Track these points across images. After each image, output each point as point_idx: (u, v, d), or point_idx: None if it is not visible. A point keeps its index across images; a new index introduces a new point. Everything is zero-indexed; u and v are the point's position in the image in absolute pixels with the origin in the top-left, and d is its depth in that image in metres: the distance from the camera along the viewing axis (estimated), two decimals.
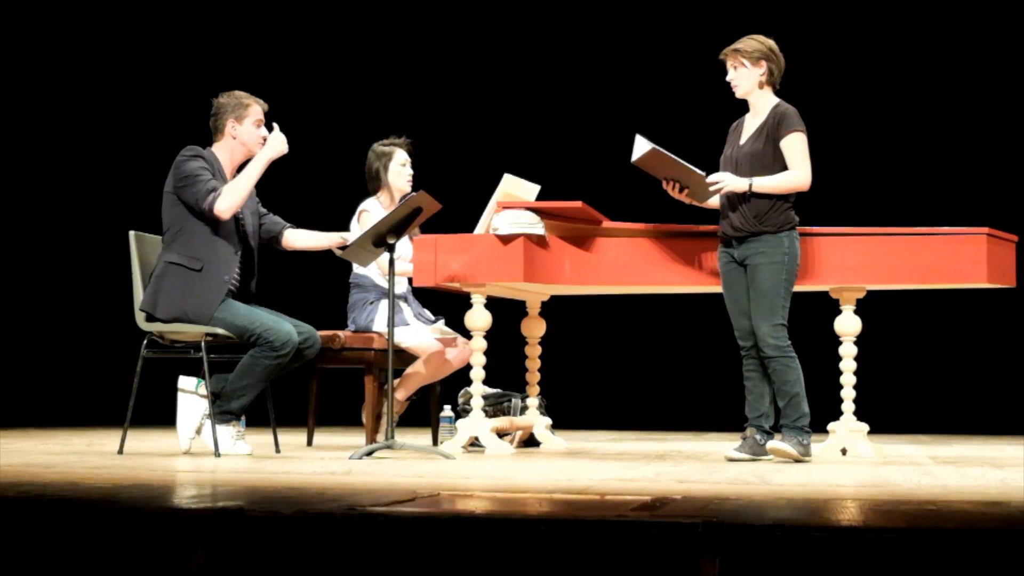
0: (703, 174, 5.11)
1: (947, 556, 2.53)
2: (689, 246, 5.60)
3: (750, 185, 5.04)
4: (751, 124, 5.19)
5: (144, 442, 6.10)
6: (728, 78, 5.17)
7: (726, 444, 5.27)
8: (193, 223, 5.23)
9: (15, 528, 2.87)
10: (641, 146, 5.09)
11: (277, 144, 5.28)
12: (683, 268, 5.61)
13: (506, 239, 5.47)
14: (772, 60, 5.13)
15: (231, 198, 5.20)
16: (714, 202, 5.25)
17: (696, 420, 8.36)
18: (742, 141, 5.18)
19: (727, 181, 5.07)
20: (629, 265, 5.66)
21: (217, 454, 5.12)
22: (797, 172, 5.06)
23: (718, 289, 5.70)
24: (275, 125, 5.32)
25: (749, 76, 5.13)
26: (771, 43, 5.15)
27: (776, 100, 5.16)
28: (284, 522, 2.78)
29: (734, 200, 5.11)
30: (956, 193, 8.35)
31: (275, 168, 5.35)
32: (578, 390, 8.51)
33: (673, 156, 5.09)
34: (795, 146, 5.06)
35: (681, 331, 8.83)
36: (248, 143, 5.35)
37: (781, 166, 5.08)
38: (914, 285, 5.65)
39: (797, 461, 4.99)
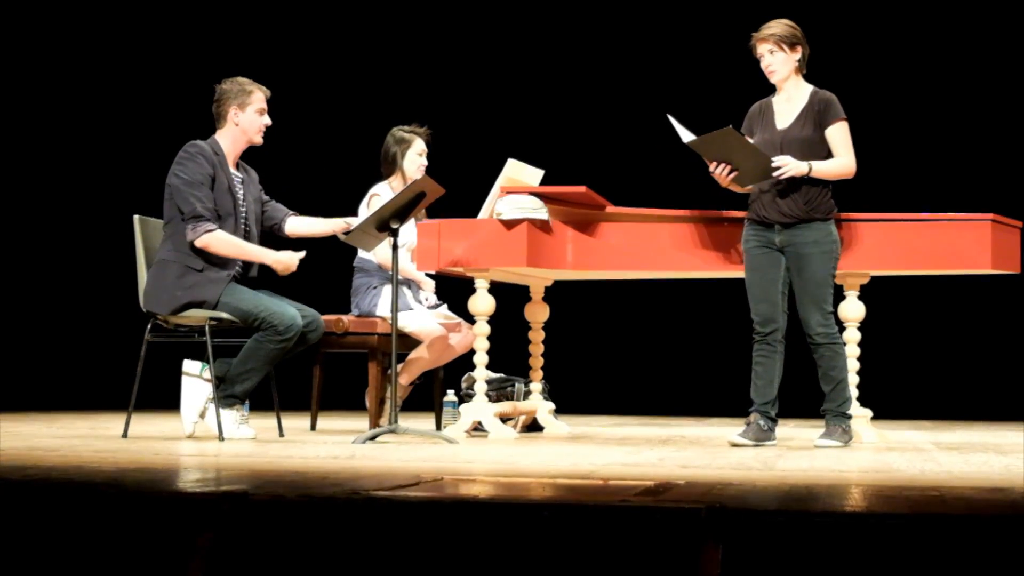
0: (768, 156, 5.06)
1: (950, 542, 2.53)
2: (692, 231, 5.59)
3: (810, 168, 5.04)
4: (785, 109, 5.17)
5: (148, 426, 6.11)
6: (764, 64, 5.14)
7: (729, 429, 5.27)
8: None
9: (20, 512, 2.87)
10: (684, 133, 5.02)
11: (284, 261, 5.26)
12: (687, 253, 5.60)
13: (510, 224, 5.47)
14: (805, 45, 5.15)
15: (215, 246, 5.17)
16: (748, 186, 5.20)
17: (699, 405, 8.37)
18: (780, 126, 5.14)
19: (791, 165, 5.05)
20: (632, 250, 5.66)
21: (221, 438, 5.12)
22: (847, 159, 5.09)
23: (722, 274, 5.70)
24: (302, 254, 5.29)
25: (787, 62, 5.13)
26: (799, 28, 5.16)
27: (810, 86, 5.17)
28: (288, 506, 2.79)
29: (783, 185, 5.08)
30: (961, 179, 8.34)
31: (282, 154, 5.35)
32: (581, 375, 8.52)
33: (747, 138, 5.05)
34: (843, 134, 5.10)
35: (684, 316, 8.83)
36: (249, 131, 5.35)
37: (827, 153, 5.09)
38: (918, 271, 5.64)
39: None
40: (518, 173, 5.69)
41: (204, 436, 5.28)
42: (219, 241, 5.20)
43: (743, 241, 5.23)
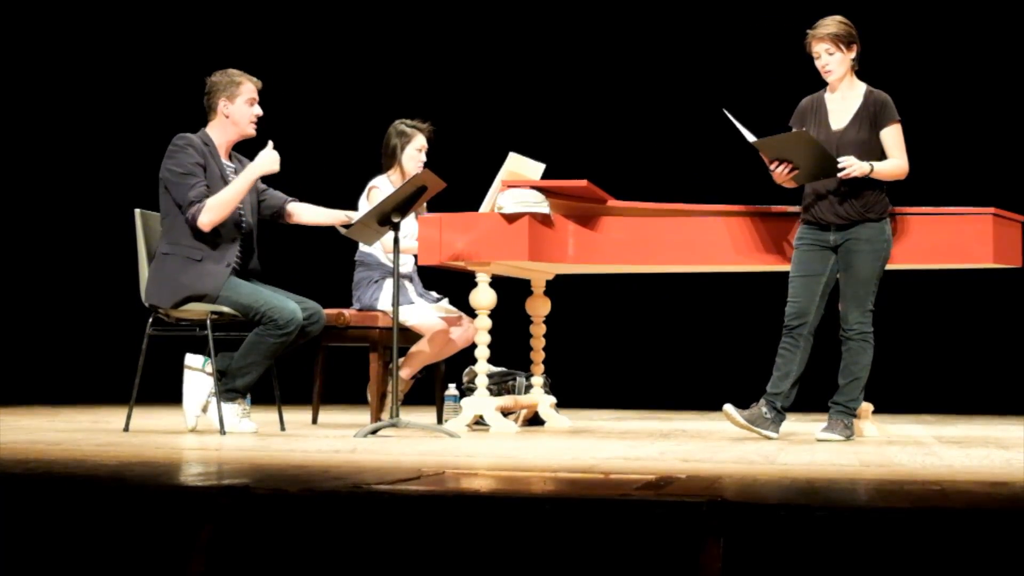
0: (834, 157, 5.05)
1: (951, 536, 2.53)
2: (693, 225, 5.59)
3: (871, 168, 5.03)
4: (840, 108, 5.16)
5: (150, 420, 6.11)
6: (821, 63, 5.13)
7: (730, 424, 5.27)
8: None
9: (21, 505, 2.88)
10: (746, 132, 5.02)
11: (268, 163, 5.25)
12: (687, 247, 5.60)
13: (511, 218, 5.47)
14: (859, 43, 5.14)
15: (214, 213, 5.17)
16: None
17: (701, 399, 8.36)
18: (835, 126, 5.14)
19: (856, 165, 5.03)
20: (634, 244, 5.66)
21: (222, 432, 5.13)
22: (901, 161, 5.10)
23: (723, 268, 5.71)
24: (270, 142, 5.29)
25: (844, 61, 5.13)
26: (854, 25, 5.15)
27: (864, 84, 5.17)
28: (289, 500, 2.79)
29: (839, 187, 5.08)
30: (962, 173, 8.32)
31: (283, 146, 5.34)
32: (582, 369, 8.52)
33: (815, 140, 5.05)
34: (896, 136, 5.11)
35: (686, 310, 8.83)
36: (240, 122, 5.34)
37: (881, 153, 5.10)
38: (920, 265, 5.64)
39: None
40: (519, 167, 5.69)
41: (205, 430, 5.28)
42: (215, 208, 5.17)
43: (796, 239, 5.25)
